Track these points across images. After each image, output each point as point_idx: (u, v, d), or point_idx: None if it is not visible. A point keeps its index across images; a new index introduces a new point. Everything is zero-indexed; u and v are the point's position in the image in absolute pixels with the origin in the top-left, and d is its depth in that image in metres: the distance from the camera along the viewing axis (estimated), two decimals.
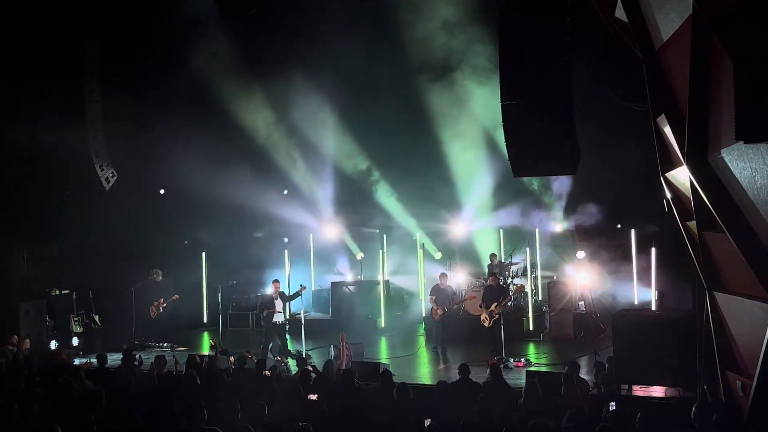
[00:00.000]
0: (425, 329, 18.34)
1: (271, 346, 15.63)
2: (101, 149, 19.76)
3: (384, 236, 21.03)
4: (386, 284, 19.84)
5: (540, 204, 20.77)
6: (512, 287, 17.63)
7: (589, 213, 20.04)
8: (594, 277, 18.54)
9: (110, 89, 19.34)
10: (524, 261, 19.03)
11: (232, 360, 13.48)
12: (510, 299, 16.35)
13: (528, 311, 17.94)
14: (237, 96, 20.22)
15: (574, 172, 10.98)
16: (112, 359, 14.21)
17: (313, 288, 21.12)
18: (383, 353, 16.69)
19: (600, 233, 20.35)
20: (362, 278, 20.74)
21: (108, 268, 19.80)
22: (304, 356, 14.49)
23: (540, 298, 19.04)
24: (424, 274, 20.02)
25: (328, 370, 11.97)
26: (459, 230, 21.72)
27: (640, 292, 18.46)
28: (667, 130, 9.14)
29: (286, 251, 20.54)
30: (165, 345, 17.46)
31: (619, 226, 20.23)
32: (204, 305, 20.18)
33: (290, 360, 15.02)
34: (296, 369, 12.85)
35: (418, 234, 20.96)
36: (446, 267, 19.67)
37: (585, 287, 17.72)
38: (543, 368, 14.16)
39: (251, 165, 20.48)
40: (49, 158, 17.67)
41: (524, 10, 10.27)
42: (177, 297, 18.05)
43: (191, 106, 19.63)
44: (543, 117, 10.13)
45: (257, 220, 21.93)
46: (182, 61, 19.55)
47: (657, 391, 11.74)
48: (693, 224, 9.21)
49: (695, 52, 7.85)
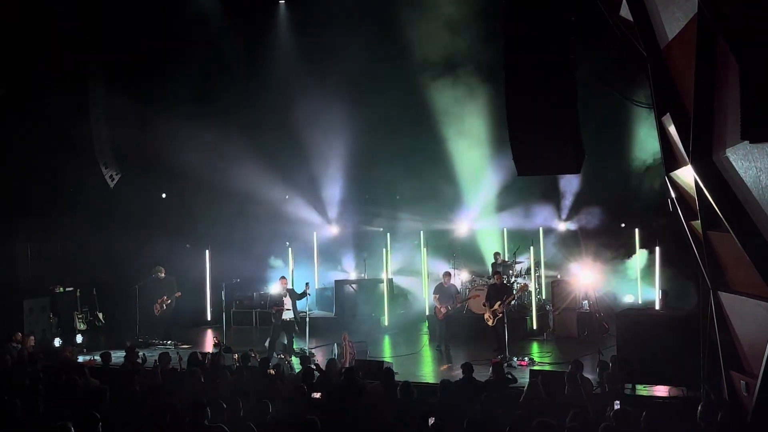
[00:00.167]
0: (429, 328, 18.33)
1: (273, 344, 15.61)
2: (105, 147, 19.80)
3: (388, 235, 21.01)
4: (390, 283, 19.83)
5: (544, 203, 20.76)
6: (516, 286, 17.63)
7: (592, 215, 20.05)
8: (598, 276, 18.53)
9: (114, 86, 19.39)
10: (528, 260, 19.02)
11: (236, 358, 13.52)
12: (514, 298, 16.34)
13: (531, 310, 17.94)
14: (240, 93, 20.21)
15: (578, 171, 10.95)
16: (116, 356, 14.22)
17: (317, 286, 21.13)
18: (386, 352, 16.69)
19: (604, 232, 20.34)
20: (366, 277, 20.73)
21: (112, 266, 19.80)
22: (308, 354, 14.50)
23: (543, 297, 19.03)
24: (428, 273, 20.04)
25: (331, 369, 11.97)
26: (463, 229, 21.70)
27: (644, 291, 18.53)
28: (672, 130, 9.12)
29: (290, 249, 20.60)
30: (169, 343, 17.46)
31: (624, 225, 20.22)
32: (207, 303, 20.25)
33: (294, 358, 15.01)
34: (300, 367, 12.86)
35: (422, 232, 20.94)
36: (450, 266, 19.65)
37: (589, 286, 17.70)
38: (546, 367, 14.14)
39: (254, 163, 20.48)
40: (53, 155, 17.69)
41: (529, 9, 10.24)
42: (179, 294, 18.09)
43: (194, 104, 19.65)
44: (547, 116, 10.09)
45: (260, 219, 21.91)
46: (185, 59, 19.58)
47: (661, 391, 11.74)
48: (697, 224, 9.19)
49: (700, 52, 7.83)
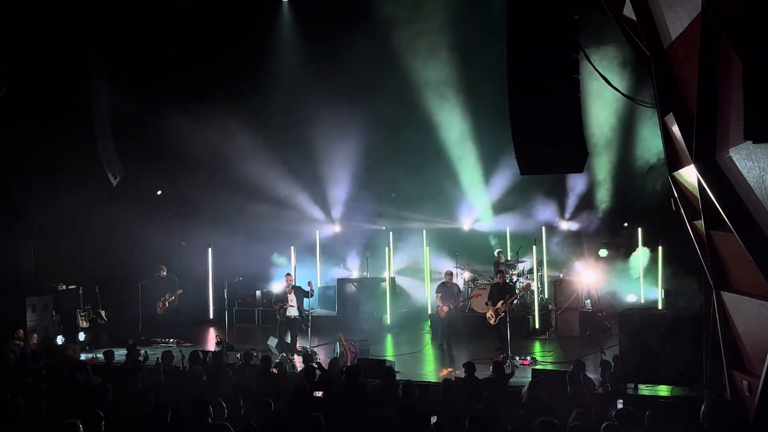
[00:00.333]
0: (431, 326, 18.33)
1: (277, 343, 15.63)
2: (108, 146, 19.82)
3: (390, 233, 21.01)
4: (392, 281, 19.82)
5: (547, 202, 20.74)
6: (519, 285, 17.62)
7: (595, 214, 20.03)
8: (600, 276, 18.52)
9: (116, 83, 19.42)
10: (531, 259, 19.02)
11: (239, 356, 13.54)
12: (516, 297, 16.33)
13: (534, 309, 17.93)
14: (240, 92, 20.19)
15: (582, 171, 10.93)
16: (118, 354, 14.23)
17: (320, 285, 21.13)
18: (389, 350, 16.69)
19: (606, 231, 20.32)
20: (368, 275, 20.73)
21: (114, 264, 19.81)
22: (310, 353, 14.52)
23: (546, 296, 19.02)
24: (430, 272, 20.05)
25: (334, 368, 11.98)
26: (466, 227, 21.69)
27: (646, 291, 18.53)
28: (675, 129, 9.11)
29: (293, 248, 20.59)
30: (171, 341, 17.47)
31: (626, 225, 20.19)
32: (210, 301, 20.25)
33: (296, 357, 15.03)
34: (302, 366, 12.87)
35: (424, 231, 20.94)
36: (453, 265, 19.64)
37: (591, 285, 17.69)
38: (549, 367, 14.13)
39: (257, 161, 20.48)
40: (57, 154, 17.70)
41: (532, 8, 10.23)
42: (181, 291, 18.10)
43: (195, 103, 19.66)
44: (550, 115, 10.08)
45: (263, 216, 21.89)
46: (186, 57, 19.59)
47: (663, 390, 11.74)
48: (700, 223, 9.18)
49: (704, 51, 7.82)
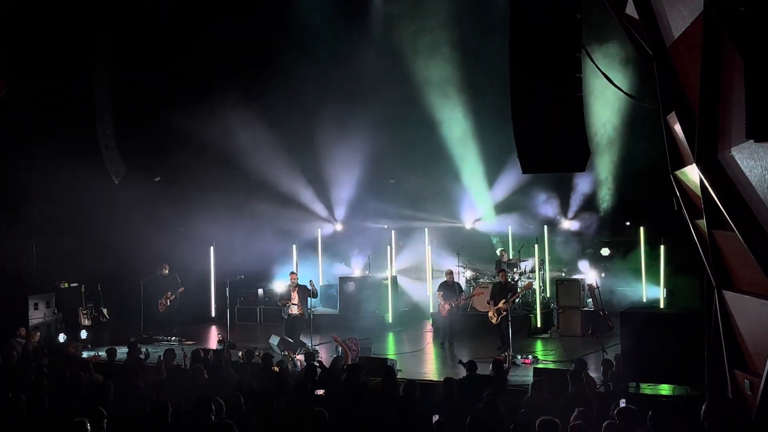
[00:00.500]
0: (433, 325, 18.32)
1: (278, 341, 15.63)
2: (110, 142, 19.83)
3: (392, 232, 20.99)
4: (394, 280, 19.81)
5: (550, 201, 20.72)
6: (520, 284, 17.60)
7: (597, 213, 20.01)
8: (602, 275, 18.49)
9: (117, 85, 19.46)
10: (533, 258, 19.00)
11: (240, 354, 13.55)
12: (518, 296, 16.31)
13: (536, 308, 17.92)
14: (241, 90, 20.19)
15: (584, 169, 10.93)
16: (120, 352, 14.24)
17: (321, 283, 21.13)
18: (390, 349, 16.70)
19: (608, 230, 20.31)
20: (369, 274, 20.71)
21: (116, 262, 19.83)
22: (312, 351, 14.53)
23: (548, 295, 19.01)
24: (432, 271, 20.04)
25: (335, 366, 11.98)
26: (468, 226, 21.68)
27: (648, 290, 18.52)
28: (677, 128, 9.10)
29: (294, 246, 20.59)
30: (173, 339, 17.48)
31: (628, 224, 20.18)
32: (212, 299, 20.27)
33: (298, 355, 15.03)
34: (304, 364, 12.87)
35: (426, 230, 20.93)
36: (456, 263, 19.63)
37: (593, 284, 17.67)
38: (550, 365, 14.13)
39: (258, 159, 20.48)
40: (57, 150, 17.70)
41: (534, 6, 10.23)
42: (183, 290, 18.11)
43: (197, 101, 19.66)
44: (552, 114, 10.08)
45: (265, 214, 21.88)
46: (188, 54, 19.58)
47: (665, 389, 11.73)
48: (702, 222, 9.17)
49: (706, 50, 7.81)
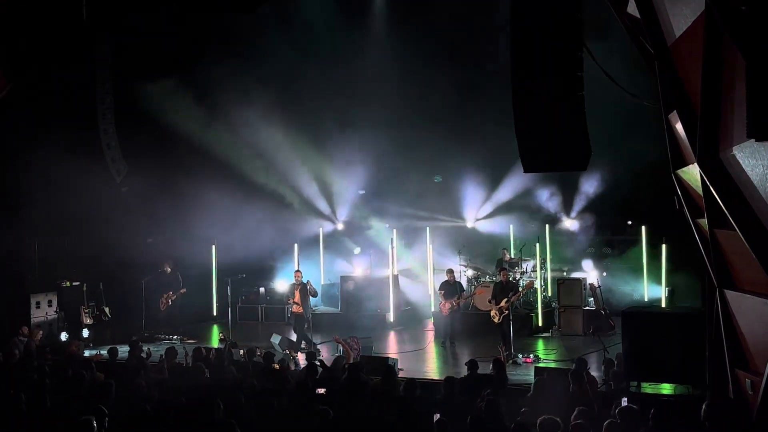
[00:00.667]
0: (434, 324, 18.31)
1: (280, 340, 15.64)
2: (112, 142, 19.83)
3: (394, 231, 20.98)
4: (396, 279, 19.80)
5: (552, 200, 20.73)
6: (522, 283, 17.60)
7: (599, 213, 20.00)
8: (604, 274, 18.48)
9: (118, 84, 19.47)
10: (534, 257, 19.00)
11: (242, 353, 13.55)
12: (520, 295, 16.30)
13: (537, 307, 17.91)
14: (242, 89, 20.19)
15: (585, 168, 10.92)
16: (122, 351, 14.26)
17: (323, 282, 21.13)
18: (392, 348, 16.70)
19: (610, 230, 20.31)
20: (371, 273, 20.70)
21: (118, 261, 19.83)
22: (313, 350, 14.53)
23: (549, 295, 19.00)
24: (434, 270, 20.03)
25: (337, 365, 11.98)
26: (469, 224, 21.68)
27: (650, 289, 18.52)
28: (679, 127, 9.10)
29: (296, 244, 20.59)
30: (175, 338, 17.48)
31: (630, 223, 20.17)
32: (213, 298, 20.27)
33: (299, 354, 15.05)
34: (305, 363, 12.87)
35: (428, 229, 20.92)
36: (459, 262, 19.63)
37: (595, 284, 17.67)
38: (552, 364, 14.12)
39: (258, 159, 20.48)
40: (59, 149, 17.71)
41: (535, 6, 10.23)
42: (184, 291, 18.07)
43: (199, 100, 19.65)
44: (554, 113, 10.08)
45: (266, 212, 21.86)
46: (191, 54, 19.58)
47: (666, 388, 11.73)
48: (704, 221, 9.17)
49: (708, 49, 7.82)
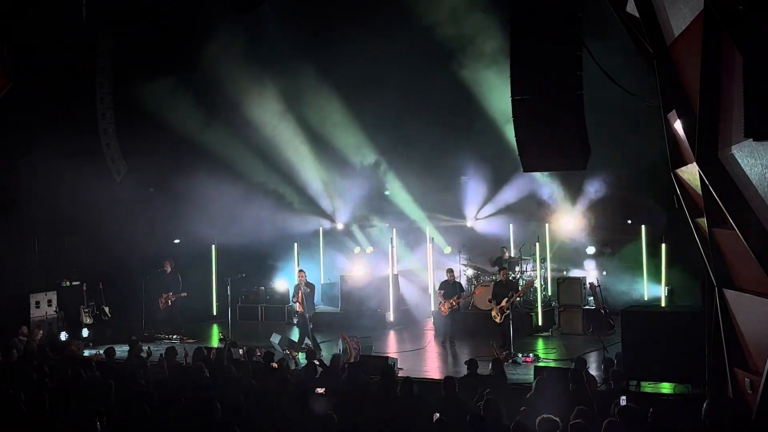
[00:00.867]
0: (434, 323, 18.32)
1: (279, 339, 15.64)
2: (112, 142, 19.85)
3: (394, 230, 20.98)
4: (396, 278, 19.80)
5: (552, 198, 20.70)
6: (521, 282, 17.60)
7: (598, 212, 19.96)
8: (603, 273, 18.47)
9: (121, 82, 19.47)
10: (534, 256, 19.00)
11: (242, 353, 13.56)
12: (520, 294, 16.30)
13: (537, 307, 17.91)
14: (244, 88, 20.19)
15: (584, 168, 10.92)
16: (122, 351, 14.26)
17: (322, 281, 21.14)
18: (392, 347, 16.70)
19: (610, 229, 20.28)
20: (372, 272, 20.70)
21: (118, 260, 19.85)
22: (313, 349, 14.54)
23: (549, 294, 19.01)
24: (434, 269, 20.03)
25: (335, 364, 11.99)
26: (469, 223, 21.68)
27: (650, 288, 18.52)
28: (678, 126, 9.11)
29: (296, 244, 20.59)
30: (175, 337, 17.48)
31: (630, 222, 20.15)
32: (213, 298, 20.26)
33: (300, 354, 15.05)
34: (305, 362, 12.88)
35: (428, 228, 20.92)
36: (457, 260, 19.63)
37: (594, 283, 17.68)
38: (551, 364, 14.13)
39: (260, 158, 20.48)
40: (60, 149, 17.72)
41: (536, 4, 10.24)
42: (185, 294, 18.01)
43: (200, 98, 19.65)
44: (553, 112, 10.09)
45: (266, 211, 21.85)
46: (191, 53, 19.58)
47: (665, 388, 11.74)
48: (703, 221, 9.18)
49: (707, 48, 7.82)
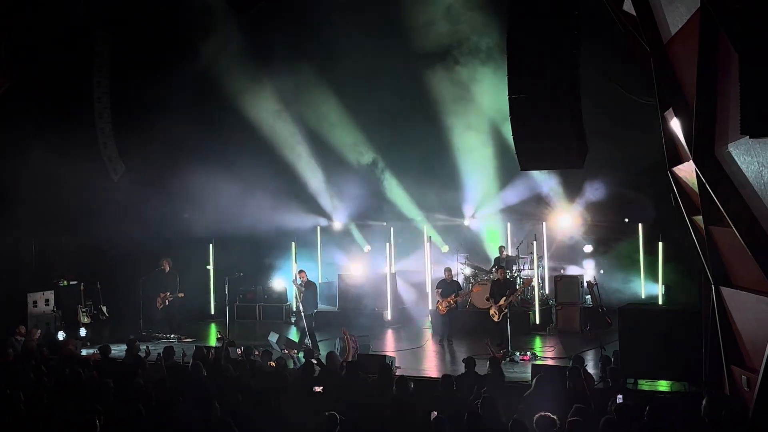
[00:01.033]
0: (432, 322, 18.32)
1: (277, 339, 15.63)
2: (109, 141, 19.83)
3: (392, 229, 20.99)
4: (393, 277, 19.81)
5: (549, 197, 20.71)
6: (519, 281, 17.60)
7: (595, 210, 19.95)
8: (601, 271, 18.48)
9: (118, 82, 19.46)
10: (531, 254, 19.01)
11: (239, 352, 13.55)
12: (518, 293, 16.32)
13: (535, 305, 17.92)
14: (242, 88, 20.17)
15: (582, 166, 10.94)
16: (119, 350, 14.25)
17: (320, 280, 21.14)
18: (389, 346, 16.71)
19: (607, 227, 20.29)
20: (369, 271, 20.69)
21: (115, 260, 19.83)
22: (311, 348, 14.53)
23: (547, 292, 19.02)
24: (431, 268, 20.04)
25: (331, 362, 11.98)
26: (467, 222, 21.69)
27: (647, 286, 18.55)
28: (675, 124, 9.13)
29: (293, 243, 20.58)
30: (172, 336, 17.48)
31: (627, 220, 20.16)
32: (211, 297, 20.24)
33: (300, 353, 15.05)
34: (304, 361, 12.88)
35: (425, 227, 20.92)
36: (454, 259, 19.63)
37: (592, 281, 17.69)
38: (549, 362, 14.15)
39: (257, 157, 20.46)
40: (58, 148, 17.71)
41: (533, 3, 10.25)
42: (182, 295, 17.97)
43: (197, 98, 19.63)
44: (550, 111, 10.10)
45: (264, 211, 21.84)
46: (189, 53, 19.56)
47: (663, 385, 11.76)
48: (700, 219, 9.20)
49: (703, 46, 7.84)
